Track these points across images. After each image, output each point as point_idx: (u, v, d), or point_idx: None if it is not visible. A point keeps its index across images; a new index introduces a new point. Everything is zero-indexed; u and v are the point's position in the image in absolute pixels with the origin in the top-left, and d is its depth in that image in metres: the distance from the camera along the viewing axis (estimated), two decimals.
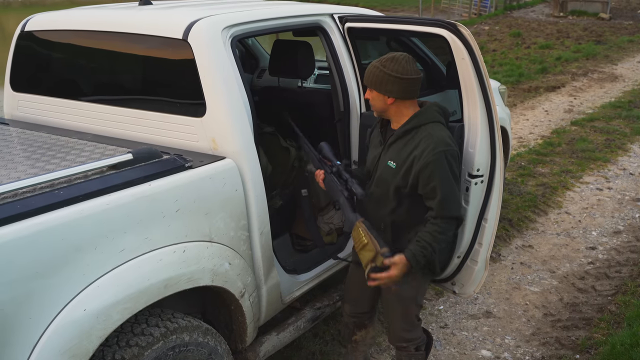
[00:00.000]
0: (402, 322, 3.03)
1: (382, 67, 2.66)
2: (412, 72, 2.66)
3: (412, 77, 2.67)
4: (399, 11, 27.92)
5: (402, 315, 3.02)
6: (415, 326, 3.06)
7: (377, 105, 2.76)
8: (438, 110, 2.78)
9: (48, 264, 2.05)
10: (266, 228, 2.92)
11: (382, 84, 2.67)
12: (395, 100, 2.70)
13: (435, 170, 2.61)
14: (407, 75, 2.65)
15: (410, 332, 3.05)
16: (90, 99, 3.22)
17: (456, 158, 2.71)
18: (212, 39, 2.81)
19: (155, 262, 2.35)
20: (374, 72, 2.69)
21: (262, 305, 3.00)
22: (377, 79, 2.68)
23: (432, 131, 2.68)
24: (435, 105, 2.80)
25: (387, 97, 2.70)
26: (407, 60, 2.68)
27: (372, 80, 2.70)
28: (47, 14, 3.53)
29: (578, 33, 17.73)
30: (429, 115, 2.73)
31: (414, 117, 2.73)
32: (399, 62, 2.65)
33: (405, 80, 2.65)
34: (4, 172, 2.43)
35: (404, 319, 3.02)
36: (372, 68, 2.71)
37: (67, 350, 2.08)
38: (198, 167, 2.59)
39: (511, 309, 4.21)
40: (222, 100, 2.77)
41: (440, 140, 2.64)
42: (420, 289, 3.01)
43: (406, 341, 3.06)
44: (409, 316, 3.02)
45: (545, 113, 9.45)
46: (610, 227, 5.46)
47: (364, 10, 4.00)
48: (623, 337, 3.66)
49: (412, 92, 2.71)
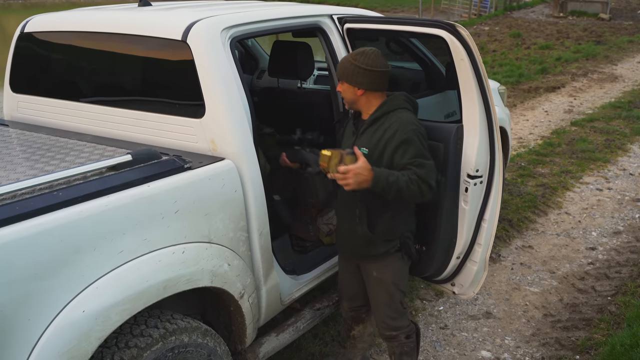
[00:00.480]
0: (387, 309, 3.09)
1: (352, 61, 2.80)
2: (380, 65, 2.80)
3: (381, 69, 2.80)
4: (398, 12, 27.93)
5: (386, 302, 3.08)
6: (401, 313, 3.11)
7: (348, 96, 2.89)
8: (405, 98, 2.90)
9: (47, 265, 2.05)
10: (265, 229, 2.92)
11: (353, 76, 2.80)
12: (365, 92, 2.84)
13: (410, 146, 2.73)
14: (376, 67, 2.79)
15: (397, 319, 3.10)
16: (90, 100, 3.22)
17: (425, 137, 2.82)
18: (211, 40, 2.81)
19: (154, 263, 2.35)
20: (345, 65, 2.83)
21: (261, 306, 3.00)
22: (348, 71, 2.81)
23: (400, 116, 2.81)
24: (402, 94, 2.92)
25: (357, 89, 2.83)
26: (376, 54, 2.81)
27: (344, 72, 2.83)
28: (46, 15, 3.53)
29: (578, 33, 17.74)
30: (396, 103, 2.86)
31: (382, 105, 2.85)
32: (369, 56, 2.80)
33: (374, 72, 2.79)
34: (3, 174, 2.43)
35: (389, 306, 3.08)
36: (344, 61, 2.85)
37: (66, 351, 2.08)
38: (197, 168, 2.59)
39: (511, 310, 4.21)
40: (222, 101, 2.77)
41: (408, 121, 2.79)
42: (400, 274, 3.06)
43: (394, 329, 3.12)
44: (393, 303, 3.07)
45: (545, 113, 9.45)
46: (610, 227, 5.46)
47: (363, 11, 4.00)
48: (623, 337, 3.66)
49: (381, 84, 2.85)
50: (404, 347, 3.16)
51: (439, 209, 3.14)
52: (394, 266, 3.01)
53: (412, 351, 3.20)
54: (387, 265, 3.00)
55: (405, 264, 3.06)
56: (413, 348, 3.20)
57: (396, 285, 3.04)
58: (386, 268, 3.00)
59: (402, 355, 3.20)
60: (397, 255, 2.99)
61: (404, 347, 3.16)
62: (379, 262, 3.01)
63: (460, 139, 3.04)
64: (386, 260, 2.99)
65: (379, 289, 3.07)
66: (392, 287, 3.04)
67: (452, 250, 3.23)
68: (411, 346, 3.18)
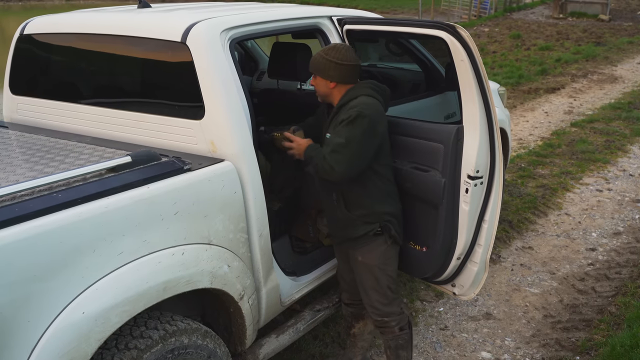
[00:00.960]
0: (375, 294, 3.14)
1: (324, 55, 2.97)
2: (351, 59, 2.96)
3: (351, 63, 2.96)
4: (398, 13, 27.94)
5: (373, 286, 3.13)
6: (390, 299, 3.15)
7: (320, 89, 3.04)
8: (370, 85, 3.01)
9: (46, 266, 2.05)
10: (265, 230, 2.92)
11: (325, 70, 2.96)
12: (336, 85, 2.99)
13: (347, 126, 2.84)
14: (346, 61, 2.94)
15: (387, 305, 3.15)
16: (89, 102, 3.23)
17: (372, 121, 2.86)
18: (211, 42, 2.81)
19: (154, 264, 2.35)
20: (318, 60, 2.99)
21: (261, 308, 3.00)
22: (320, 65, 2.97)
23: (362, 100, 2.92)
24: (368, 82, 3.04)
25: (330, 82, 2.98)
26: (347, 49, 2.99)
27: (317, 67, 2.99)
28: (46, 17, 3.53)
29: (578, 34, 17.74)
30: (360, 90, 2.97)
31: (347, 92, 2.98)
32: (339, 50, 2.96)
33: (344, 66, 2.94)
34: (3, 175, 2.43)
35: (377, 291, 3.14)
36: (316, 57, 3.01)
37: (65, 353, 2.08)
38: (197, 170, 2.59)
39: (511, 311, 4.20)
40: (221, 102, 2.77)
41: (362, 103, 2.89)
42: (385, 258, 3.11)
43: (385, 315, 3.16)
44: (380, 287, 3.12)
45: (545, 114, 9.45)
46: (610, 228, 5.46)
47: (363, 12, 4.00)
48: (623, 338, 3.65)
49: (351, 77, 2.99)
50: (399, 340, 3.19)
51: (440, 210, 3.14)
52: (378, 250, 3.08)
53: (407, 344, 3.22)
54: (371, 250, 3.07)
55: (390, 248, 3.11)
56: (408, 341, 3.22)
57: (382, 269, 3.10)
58: (370, 252, 3.08)
59: (397, 349, 3.22)
60: (380, 239, 3.06)
61: (399, 339, 3.19)
62: (363, 246, 3.09)
63: (460, 140, 3.04)
64: (370, 245, 3.07)
65: (365, 273, 3.13)
66: (377, 271, 3.10)
67: (452, 251, 3.22)
68: (405, 339, 3.21)
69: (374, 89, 3.00)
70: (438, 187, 3.10)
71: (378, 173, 3.00)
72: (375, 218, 3.03)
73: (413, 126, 3.31)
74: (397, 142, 3.32)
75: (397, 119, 3.49)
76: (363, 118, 2.83)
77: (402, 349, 3.22)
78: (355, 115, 2.83)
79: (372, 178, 3.00)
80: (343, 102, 2.95)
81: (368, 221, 3.03)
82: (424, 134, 3.21)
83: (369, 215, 3.03)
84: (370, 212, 3.02)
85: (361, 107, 2.86)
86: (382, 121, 2.95)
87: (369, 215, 3.03)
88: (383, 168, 3.03)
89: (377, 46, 5.13)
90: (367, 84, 3.02)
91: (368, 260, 3.10)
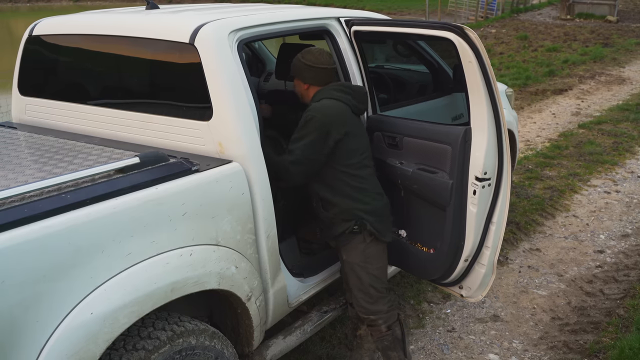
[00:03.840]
0: (358, 292, 3.19)
1: (301, 58, 3.14)
2: (323, 63, 3.11)
3: (323, 66, 3.11)
4: (405, 14, 27.94)
5: (356, 285, 3.18)
6: (374, 297, 3.18)
7: (298, 90, 3.24)
8: (335, 88, 3.12)
9: (55, 267, 2.06)
10: (273, 231, 2.92)
11: (300, 72, 3.15)
12: (309, 86, 3.15)
13: (300, 124, 3.00)
14: (319, 64, 3.10)
15: (373, 303, 3.18)
16: (98, 103, 3.23)
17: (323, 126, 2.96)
18: (219, 43, 2.81)
19: (161, 265, 2.35)
20: (295, 62, 3.17)
21: (268, 309, 3.00)
22: (296, 68, 3.16)
23: (322, 103, 3.04)
24: (335, 85, 3.15)
25: (303, 83, 3.16)
26: (321, 53, 3.14)
27: (295, 69, 3.18)
28: (54, 19, 3.55)
29: (585, 36, 17.68)
30: (325, 93, 3.09)
31: (314, 95, 3.12)
32: (313, 54, 3.13)
33: (316, 68, 3.10)
34: (12, 176, 2.44)
35: (360, 289, 3.18)
36: (295, 59, 3.18)
37: (74, 353, 2.08)
38: (205, 171, 2.59)
39: (519, 313, 4.19)
40: (229, 103, 2.77)
41: (319, 106, 3.02)
42: (365, 256, 3.14)
43: (372, 313, 3.19)
44: (363, 285, 3.16)
45: (552, 116, 9.42)
46: (618, 230, 5.43)
47: (370, 13, 3.99)
48: (632, 341, 3.64)
49: (323, 80, 3.13)
50: (384, 342, 3.22)
51: (447, 212, 3.14)
52: (358, 248, 3.13)
53: (394, 344, 3.22)
54: (352, 248, 3.14)
55: (370, 246, 3.14)
56: (393, 341, 3.22)
57: (363, 267, 3.14)
58: (351, 251, 3.15)
59: (385, 351, 3.24)
60: (359, 237, 3.12)
61: (384, 340, 3.22)
62: (346, 245, 3.16)
63: (468, 142, 3.03)
64: (351, 243, 3.14)
65: (348, 271, 3.20)
66: (358, 269, 3.14)
67: (460, 253, 3.21)
68: (389, 339, 3.21)
69: (341, 91, 3.09)
70: (446, 188, 3.09)
71: (347, 173, 3.07)
72: (350, 215, 3.09)
73: (420, 128, 3.30)
74: (405, 144, 3.32)
75: (405, 120, 3.49)
76: (314, 121, 2.96)
77: (390, 349, 3.23)
78: (308, 118, 2.98)
79: (341, 177, 3.07)
80: (309, 105, 3.09)
81: (344, 219, 3.11)
82: (432, 136, 3.21)
83: (343, 213, 3.10)
84: (344, 209, 3.09)
85: (315, 111, 2.99)
86: (339, 122, 3.00)
87: (343, 213, 3.10)
88: (353, 167, 3.08)
89: (385, 47, 5.12)
90: (334, 86, 3.12)
91: (350, 259, 3.17)
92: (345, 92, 3.10)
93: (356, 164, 3.09)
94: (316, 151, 2.98)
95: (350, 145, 3.04)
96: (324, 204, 3.14)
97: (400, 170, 3.33)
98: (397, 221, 3.45)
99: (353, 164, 3.07)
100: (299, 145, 2.97)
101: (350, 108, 3.08)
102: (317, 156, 3.00)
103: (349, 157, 3.06)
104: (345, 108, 3.06)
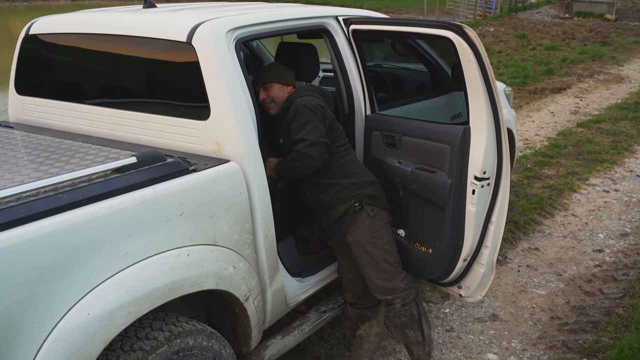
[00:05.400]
0: (372, 271, 3.16)
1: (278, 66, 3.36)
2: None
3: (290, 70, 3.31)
4: (403, 13, 27.92)
5: (369, 263, 3.16)
6: (390, 273, 3.16)
7: (279, 95, 3.27)
8: (309, 87, 3.34)
9: (51, 267, 2.05)
10: (271, 231, 2.91)
11: (283, 76, 3.28)
12: (290, 88, 3.29)
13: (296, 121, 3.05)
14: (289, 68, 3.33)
15: (387, 280, 3.16)
16: (95, 102, 3.22)
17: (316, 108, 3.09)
18: (216, 42, 2.80)
19: (159, 265, 2.34)
20: (276, 70, 3.32)
21: (266, 309, 2.99)
22: (279, 74, 3.29)
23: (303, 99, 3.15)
24: (307, 86, 3.38)
25: (286, 86, 3.28)
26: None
27: (276, 74, 3.28)
28: (51, 17, 3.53)
29: (584, 34, 17.67)
30: (300, 92, 3.24)
31: (289, 97, 3.24)
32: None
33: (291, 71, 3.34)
34: (8, 176, 2.42)
35: (374, 267, 3.15)
36: (271, 67, 3.40)
37: (70, 354, 2.07)
38: (202, 171, 2.58)
39: (517, 312, 4.18)
40: (227, 103, 2.76)
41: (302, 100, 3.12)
42: (373, 232, 3.15)
43: (388, 291, 3.16)
44: (376, 262, 3.14)
45: (551, 115, 9.41)
46: (617, 229, 5.43)
47: (368, 12, 3.98)
48: (631, 340, 3.63)
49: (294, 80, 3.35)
50: (401, 318, 3.18)
51: (446, 211, 3.13)
52: (364, 224, 3.14)
53: (411, 322, 3.19)
54: (357, 228, 3.15)
55: (375, 221, 3.16)
56: (411, 319, 3.19)
57: (372, 243, 3.13)
58: (357, 230, 3.15)
59: (402, 328, 3.22)
60: (362, 214, 3.14)
61: (400, 317, 3.18)
62: (349, 227, 3.16)
63: (467, 141, 3.02)
64: (355, 223, 3.15)
65: (359, 252, 3.17)
66: (368, 246, 3.13)
67: (459, 252, 3.21)
68: (407, 315, 3.18)
69: (313, 91, 3.27)
70: (444, 188, 3.08)
71: (338, 154, 3.17)
72: (349, 193, 3.13)
73: (419, 127, 3.30)
74: (403, 143, 3.31)
75: (403, 119, 3.49)
76: (308, 109, 3.07)
77: (407, 327, 3.20)
78: (300, 108, 3.06)
79: (333, 159, 3.14)
80: (287, 105, 3.19)
81: (343, 198, 3.14)
82: (431, 135, 3.20)
83: (341, 192, 3.14)
84: (341, 188, 3.13)
85: (302, 102, 3.10)
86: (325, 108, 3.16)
87: (341, 192, 3.14)
88: (342, 150, 3.20)
89: (383, 46, 5.12)
90: (305, 86, 3.35)
91: (358, 238, 3.15)
92: (315, 91, 3.28)
93: (343, 146, 3.21)
94: (324, 131, 3.07)
95: (337, 130, 3.20)
96: (319, 188, 3.17)
97: (399, 169, 3.32)
98: (396, 221, 3.44)
99: (341, 145, 3.20)
100: (306, 130, 3.02)
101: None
102: (324, 132, 3.08)
103: (338, 140, 3.19)
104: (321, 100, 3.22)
